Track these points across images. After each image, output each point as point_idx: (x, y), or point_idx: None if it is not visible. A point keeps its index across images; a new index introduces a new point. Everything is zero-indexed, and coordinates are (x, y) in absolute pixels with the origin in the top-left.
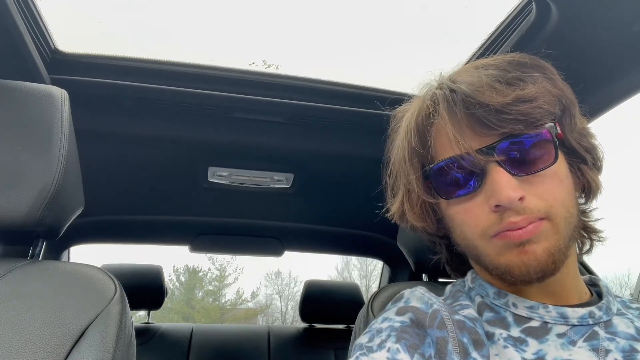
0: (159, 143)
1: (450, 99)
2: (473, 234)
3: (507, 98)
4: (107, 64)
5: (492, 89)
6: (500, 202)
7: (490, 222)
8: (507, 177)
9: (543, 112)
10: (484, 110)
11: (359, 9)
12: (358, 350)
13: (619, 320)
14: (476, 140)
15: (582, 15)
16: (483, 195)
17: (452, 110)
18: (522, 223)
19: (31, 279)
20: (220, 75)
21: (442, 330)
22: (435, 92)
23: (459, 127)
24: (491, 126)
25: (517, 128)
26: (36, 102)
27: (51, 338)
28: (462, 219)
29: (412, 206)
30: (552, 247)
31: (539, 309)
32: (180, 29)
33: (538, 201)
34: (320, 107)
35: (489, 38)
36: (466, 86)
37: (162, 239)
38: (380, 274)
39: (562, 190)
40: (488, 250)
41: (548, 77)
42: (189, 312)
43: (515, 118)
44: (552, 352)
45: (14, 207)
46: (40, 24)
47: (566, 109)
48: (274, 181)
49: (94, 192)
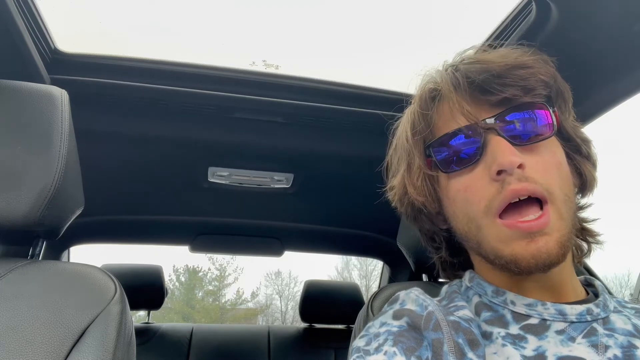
0: (159, 143)
1: (453, 75)
2: (476, 211)
3: (507, 63)
4: (107, 64)
5: (491, 60)
6: (502, 165)
7: (492, 194)
8: (506, 144)
9: (539, 80)
10: (485, 76)
11: (358, 9)
12: (355, 353)
13: (616, 317)
14: (477, 112)
15: (582, 15)
16: (483, 165)
17: (456, 82)
18: (523, 191)
19: (31, 279)
20: (220, 75)
21: (437, 332)
22: (435, 75)
23: (462, 95)
24: (491, 91)
25: (516, 93)
26: (36, 102)
27: (51, 338)
28: (464, 196)
29: (412, 180)
30: (562, 237)
31: (537, 306)
32: (180, 29)
33: (537, 174)
34: (320, 107)
35: (489, 38)
36: (467, 61)
37: (162, 239)
38: (380, 274)
39: (560, 173)
40: (492, 236)
41: (543, 59)
42: (189, 312)
43: (514, 83)
44: (552, 348)
45: (14, 207)
46: (40, 24)
47: (560, 93)
48: (274, 181)
49: (94, 192)
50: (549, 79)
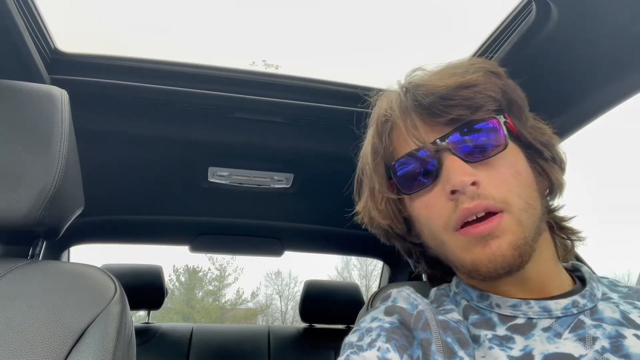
0: (159, 143)
1: (403, 97)
2: (437, 228)
3: (449, 82)
4: (107, 64)
5: (438, 79)
6: (454, 186)
7: (448, 212)
8: (459, 163)
9: (485, 97)
10: (431, 99)
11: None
12: (348, 348)
13: (604, 305)
14: (429, 133)
15: (582, 15)
16: (440, 185)
17: (404, 106)
18: (476, 209)
19: (31, 279)
20: (220, 75)
21: (426, 332)
22: (389, 94)
23: (411, 120)
24: (439, 113)
25: (462, 113)
26: (36, 102)
27: (51, 338)
28: (426, 214)
29: (376, 204)
30: (517, 240)
31: (521, 306)
32: (180, 29)
33: (493, 189)
34: (320, 107)
35: (489, 38)
36: (416, 82)
37: (162, 239)
38: (380, 274)
39: (519, 182)
40: (453, 247)
41: (491, 72)
42: (189, 312)
43: (460, 103)
44: (539, 346)
45: (14, 207)
46: (40, 24)
47: (513, 102)
48: (274, 181)
49: (94, 192)
50: (497, 92)
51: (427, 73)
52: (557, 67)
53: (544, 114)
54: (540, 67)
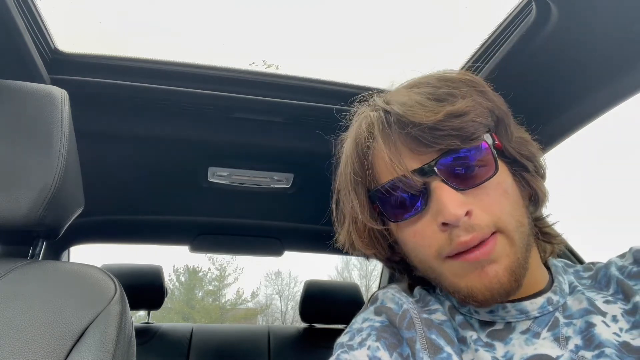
0: (159, 143)
1: (385, 120)
2: (428, 256)
3: (438, 115)
4: (107, 64)
5: (423, 107)
6: (446, 219)
7: (442, 243)
8: (450, 193)
9: (476, 125)
10: (418, 129)
11: (358, 9)
12: (339, 348)
13: (572, 299)
14: (414, 159)
15: (582, 15)
16: (430, 214)
17: (386, 131)
18: (473, 242)
19: (31, 279)
20: (220, 75)
21: (411, 331)
22: (370, 115)
23: (395, 149)
24: (427, 144)
25: (452, 143)
26: (36, 102)
27: (51, 338)
28: (414, 241)
29: (359, 234)
30: (512, 264)
31: (498, 311)
32: (180, 29)
33: (485, 215)
34: (320, 107)
35: (489, 38)
36: (398, 107)
37: (162, 239)
38: (380, 274)
39: (509, 200)
40: (446, 272)
41: (478, 91)
42: (189, 312)
43: (449, 134)
44: (518, 351)
45: (14, 207)
46: (40, 24)
47: (500, 120)
48: (274, 181)
49: (94, 192)
50: (486, 117)
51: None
52: (556, 68)
53: (543, 114)
54: (540, 68)
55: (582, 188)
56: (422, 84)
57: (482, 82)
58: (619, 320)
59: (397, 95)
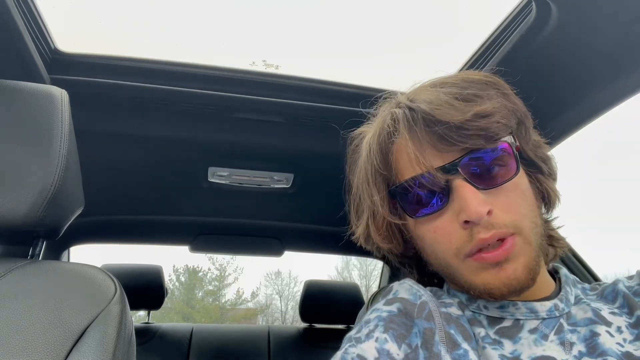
0: (159, 143)
1: (410, 118)
2: (446, 253)
3: (466, 115)
4: (107, 64)
5: (450, 106)
6: (469, 217)
7: (462, 240)
8: (473, 191)
9: (501, 126)
10: (444, 128)
11: (359, 9)
12: (347, 342)
13: (576, 309)
14: (438, 157)
15: (582, 15)
16: (451, 211)
17: (412, 128)
18: (492, 239)
19: (31, 279)
20: (220, 75)
21: (430, 322)
22: (395, 111)
23: (419, 145)
24: (453, 142)
25: (477, 143)
26: (36, 102)
27: (51, 338)
28: (433, 237)
29: (377, 228)
30: (529, 262)
31: (508, 307)
32: (180, 29)
33: (505, 215)
34: (320, 107)
35: (489, 38)
36: (425, 105)
37: (162, 239)
38: (380, 274)
39: (526, 202)
40: (463, 270)
41: (502, 93)
42: (189, 312)
43: (475, 133)
44: (526, 350)
45: (14, 207)
46: (40, 24)
47: (521, 122)
48: (274, 181)
49: (94, 192)
50: (509, 120)
51: (436, 92)
52: (556, 68)
53: (544, 114)
54: (540, 68)
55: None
56: (447, 83)
57: (505, 84)
58: (623, 331)
59: (422, 93)
